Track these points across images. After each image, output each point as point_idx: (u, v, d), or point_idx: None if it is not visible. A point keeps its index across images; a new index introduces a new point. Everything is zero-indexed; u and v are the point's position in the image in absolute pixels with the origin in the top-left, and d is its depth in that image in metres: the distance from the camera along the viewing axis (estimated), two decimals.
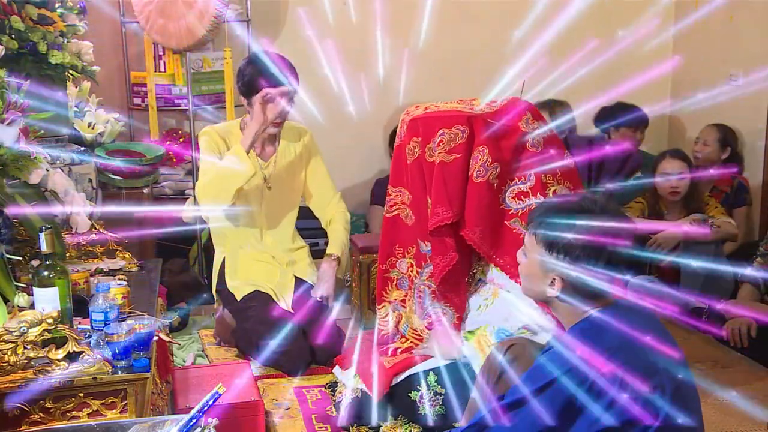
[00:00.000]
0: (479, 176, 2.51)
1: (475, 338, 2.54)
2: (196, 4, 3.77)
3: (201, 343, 3.48)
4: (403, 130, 2.66)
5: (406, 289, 2.77)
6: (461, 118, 2.55)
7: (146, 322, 2.14)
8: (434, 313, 2.65)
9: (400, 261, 2.77)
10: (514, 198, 2.54)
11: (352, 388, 2.71)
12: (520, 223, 2.51)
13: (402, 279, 2.79)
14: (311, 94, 3.59)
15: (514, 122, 2.56)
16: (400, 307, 2.79)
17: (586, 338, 1.78)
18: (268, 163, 3.32)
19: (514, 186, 2.55)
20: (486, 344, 2.49)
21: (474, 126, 2.54)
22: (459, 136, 2.53)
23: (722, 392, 3.03)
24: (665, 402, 1.71)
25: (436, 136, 2.54)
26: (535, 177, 2.52)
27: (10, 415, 1.96)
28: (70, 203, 2.61)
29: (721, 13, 4.40)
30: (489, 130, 2.52)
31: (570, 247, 1.80)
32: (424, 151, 2.57)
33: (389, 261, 2.79)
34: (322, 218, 3.45)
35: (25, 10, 3.01)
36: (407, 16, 4.43)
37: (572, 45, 4.03)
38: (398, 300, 2.79)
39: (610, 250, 1.78)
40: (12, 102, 2.38)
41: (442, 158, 2.53)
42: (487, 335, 2.51)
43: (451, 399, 2.54)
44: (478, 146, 2.52)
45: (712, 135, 4.21)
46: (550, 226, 1.83)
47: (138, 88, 4.13)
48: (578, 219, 1.80)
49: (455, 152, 2.52)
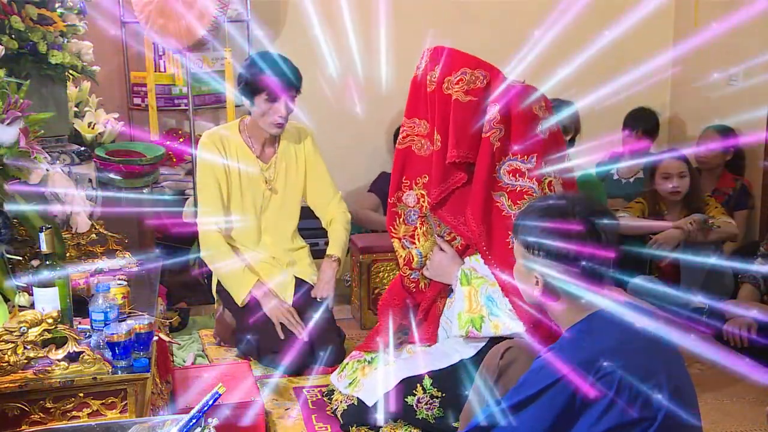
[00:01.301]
0: (485, 131, 2.49)
1: (469, 288, 2.54)
2: (196, 5, 3.77)
3: (201, 343, 3.48)
4: (424, 60, 2.62)
5: (414, 224, 2.74)
6: (486, 65, 2.52)
7: (146, 322, 2.14)
8: (447, 234, 2.66)
9: (408, 194, 2.72)
10: (509, 172, 2.50)
11: (347, 396, 2.72)
12: (506, 199, 2.49)
13: (409, 213, 2.74)
14: (312, 95, 3.59)
15: (528, 101, 2.53)
16: (409, 244, 2.76)
17: (583, 340, 1.78)
18: (269, 164, 3.32)
19: (513, 161, 2.50)
20: (475, 302, 2.51)
21: (494, 78, 2.51)
22: (480, 80, 2.49)
23: (722, 392, 3.03)
24: (663, 402, 1.71)
25: (457, 72, 2.51)
26: (536, 161, 2.49)
27: (10, 415, 1.96)
28: (70, 203, 2.61)
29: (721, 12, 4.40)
30: (506, 90, 2.49)
31: (542, 244, 1.83)
32: (442, 81, 2.53)
33: (396, 195, 2.75)
34: (322, 218, 3.45)
35: (25, 10, 3.01)
36: (408, 16, 4.44)
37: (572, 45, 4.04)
38: (407, 235, 2.76)
39: (580, 243, 1.80)
40: (12, 102, 2.38)
41: (458, 96, 2.49)
42: (479, 294, 2.51)
43: (448, 402, 2.54)
44: (491, 102, 2.49)
45: (715, 139, 4.18)
46: (529, 226, 1.87)
47: (138, 88, 4.13)
48: (556, 220, 1.83)
49: (472, 95, 2.49)
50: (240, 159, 3.26)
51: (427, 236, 2.73)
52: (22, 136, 2.36)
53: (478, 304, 2.50)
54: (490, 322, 2.47)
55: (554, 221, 1.84)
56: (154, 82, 4.04)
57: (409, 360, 2.69)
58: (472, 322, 2.50)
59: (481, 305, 2.49)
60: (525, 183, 2.49)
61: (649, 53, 4.75)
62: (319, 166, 3.40)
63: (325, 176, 3.41)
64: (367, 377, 2.70)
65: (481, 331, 2.48)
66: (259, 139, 3.29)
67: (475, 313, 2.50)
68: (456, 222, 2.61)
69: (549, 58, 4.63)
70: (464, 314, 2.52)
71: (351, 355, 2.91)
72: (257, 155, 3.30)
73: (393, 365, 2.67)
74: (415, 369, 2.62)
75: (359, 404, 2.66)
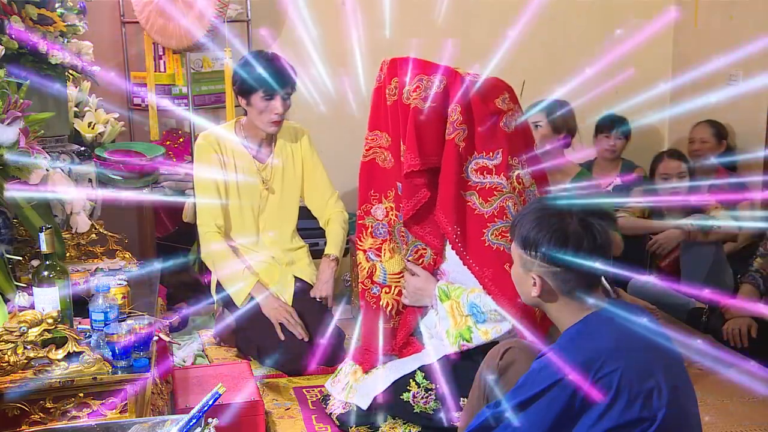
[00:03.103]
0: (449, 134, 2.48)
1: (450, 302, 2.54)
2: (196, 6, 3.77)
3: (201, 343, 3.48)
4: (383, 72, 2.62)
5: (382, 237, 2.72)
6: (441, 69, 2.52)
7: (146, 322, 2.14)
8: (414, 252, 2.64)
9: (376, 207, 2.71)
10: (477, 170, 2.49)
11: (342, 401, 2.72)
12: (476, 197, 2.48)
13: (377, 226, 2.72)
14: (311, 94, 3.59)
15: (490, 96, 2.53)
16: (374, 257, 2.74)
17: (582, 341, 1.78)
18: (266, 164, 3.32)
19: (479, 158, 2.50)
20: (459, 313, 2.50)
21: (452, 81, 2.51)
22: (436, 85, 2.49)
23: (722, 392, 3.03)
24: (662, 403, 1.71)
25: (413, 80, 2.51)
26: (501, 156, 2.47)
27: (10, 415, 1.96)
28: (70, 203, 2.61)
29: (721, 12, 4.41)
30: (465, 91, 2.48)
31: (538, 243, 1.83)
32: (401, 92, 2.54)
33: (364, 207, 2.73)
34: (320, 218, 3.46)
35: (25, 10, 3.01)
36: (409, 16, 4.43)
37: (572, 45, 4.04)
38: (373, 248, 2.74)
39: (576, 242, 1.80)
40: (12, 102, 2.38)
41: (417, 104, 2.49)
42: (461, 305, 2.50)
43: (443, 392, 2.54)
44: (452, 104, 2.48)
45: (707, 131, 4.19)
46: (526, 228, 1.87)
47: (138, 88, 4.13)
48: (548, 216, 1.84)
49: (431, 101, 2.49)
50: (236, 159, 3.26)
51: (393, 253, 2.72)
52: (22, 136, 2.36)
53: (463, 316, 2.50)
54: (479, 330, 2.47)
55: (552, 222, 1.84)
56: (154, 82, 4.04)
57: (398, 362, 2.69)
58: (461, 335, 2.50)
59: (466, 315, 2.49)
60: (493, 179, 2.48)
61: (649, 54, 4.74)
62: (316, 166, 3.40)
63: (322, 176, 3.41)
64: (360, 382, 2.71)
65: (472, 342, 2.48)
66: (256, 139, 3.30)
67: (462, 327, 2.50)
68: (423, 232, 2.61)
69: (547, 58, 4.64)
70: (452, 330, 2.52)
71: (344, 360, 2.92)
72: (254, 155, 3.30)
73: (384, 368, 2.68)
74: (405, 369, 2.63)
75: (355, 409, 2.67)
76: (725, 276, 3.69)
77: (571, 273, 1.82)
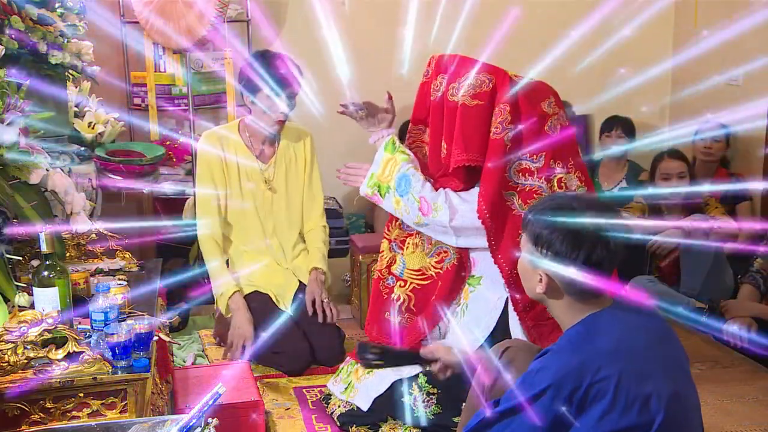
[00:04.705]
0: (496, 133, 2.49)
1: (391, 156, 2.66)
2: (196, 5, 3.77)
3: (201, 343, 3.48)
4: (430, 68, 2.66)
5: (408, 231, 2.74)
6: (490, 68, 2.53)
7: (146, 322, 2.14)
8: (437, 254, 2.68)
9: None
10: (519, 171, 2.50)
11: (343, 402, 2.72)
12: (516, 198, 2.49)
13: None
14: (313, 95, 3.59)
15: (537, 99, 2.54)
16: (397, 248, 2.76)
17: (582, 342, 1.76)
18: (268, 165, 3.32)
19: (523, 160, 2.51)
20: (389, 172, 2.64)
21: (500, 81, 2.52)
22: (485, 84, 2.50)
23: (722, 392, 3.03)
24: (660, 408, 1.69)
25: (462, 78, 2.52)
26: (544, 159, 2.49)
27: (10, 415, 1.96)
28: (70, 203, 2.61)
29: (721, 13, 4.40)
30: (513, 91, 2.49)
31: (551, 243, 1.81)
32: (447, 89, 2.55)
33: None
34: (303, 224, 3.45)
35: (25, 10, 3.01)
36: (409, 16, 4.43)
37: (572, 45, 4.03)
38: (398, 240, 2.76)
39: (589, 247, 1.78)
40: (12, 102, 2.37)
41: (464, 101, 2.50)
42: (396, 169, 2.62)
43: (446, 398, 2.54)
44: (500, 103, 2.49)
45: (720, 131, 4.16)
46: (538, 223, 1.84)
47: (138, 88, 4.13)
48: (564, 216, 1.81)
49: (478, 99, 2.49)
50: (239, 158, 3.26)
51: (415, 247, 2.72)
52: (22, 136, 2.35)
53: (391, 175, 2.61)
54: (393, 197, 2.60)
55: (563, 219, 1.81)
56: (154, 82, 4.03)
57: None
58: (378, 186, 2.63)
59: (393, 178, 2.60)
60: (534, 182, 2.49)
61: (649, 54, 4.74)
62: (314, 171, 3.41)
63: (316, 182, 3.42)
64: (361, 382, 2.70)
65: (384, 199, 2.62)
66: (259, 138, 3.30)
67: (384, 182, 2.63)
68: None
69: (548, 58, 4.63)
70: (376, 176, 2.65)
71: (346, 360, 2.92)
72: (256, 155, 3.30)
73: (386, 369, 2.67)
74: (407, 372, 2.62)
75: (356, 409, 2.67)
76: (725, 276, 3.68)
77: (580, 272, 1.79)
